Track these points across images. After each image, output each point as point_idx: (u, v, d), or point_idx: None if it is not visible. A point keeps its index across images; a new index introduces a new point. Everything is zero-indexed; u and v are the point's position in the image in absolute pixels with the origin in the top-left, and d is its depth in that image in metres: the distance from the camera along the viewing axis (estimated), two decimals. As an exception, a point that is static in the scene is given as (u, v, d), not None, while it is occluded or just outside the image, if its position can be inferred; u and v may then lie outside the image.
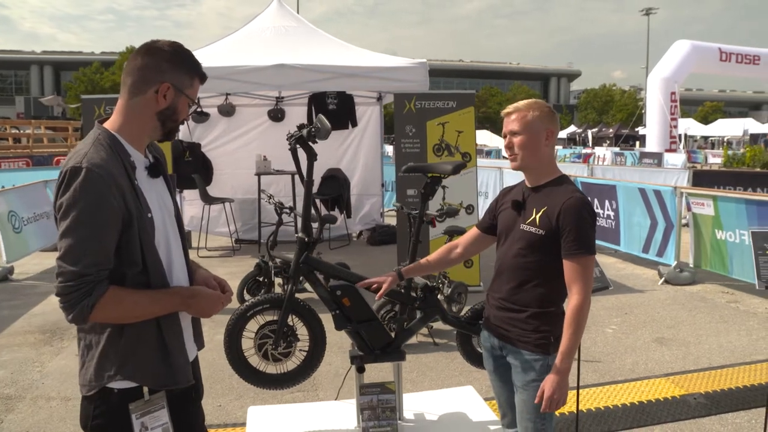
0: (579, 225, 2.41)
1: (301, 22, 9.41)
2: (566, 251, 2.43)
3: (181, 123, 2.12)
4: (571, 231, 2.41)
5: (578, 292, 2.42)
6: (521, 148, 2.55)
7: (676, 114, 27.42)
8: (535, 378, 2.50)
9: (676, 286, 7.95)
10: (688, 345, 5.79)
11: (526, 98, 3.55)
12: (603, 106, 69.40)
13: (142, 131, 2.04)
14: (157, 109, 2.01)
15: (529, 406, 2.52)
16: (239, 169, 10.64)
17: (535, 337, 2.52)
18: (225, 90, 8.95)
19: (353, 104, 10.26)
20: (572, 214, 2.42)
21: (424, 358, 5.43)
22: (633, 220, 9.00)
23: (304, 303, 3.20)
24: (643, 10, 53.10)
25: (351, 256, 9.41)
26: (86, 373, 1.99)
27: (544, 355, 2.50)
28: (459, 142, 7.55)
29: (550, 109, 2.60)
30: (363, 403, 3.10)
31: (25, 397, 4.70)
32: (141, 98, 2.00)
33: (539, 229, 2.49)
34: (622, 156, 27.96)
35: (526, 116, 2.55)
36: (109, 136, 1.98)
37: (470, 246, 2.91)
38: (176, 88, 2.02)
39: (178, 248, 2.16)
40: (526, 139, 2.54)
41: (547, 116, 2.56)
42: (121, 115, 2.02)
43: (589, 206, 2.48)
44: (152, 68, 2.00)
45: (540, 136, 2.54)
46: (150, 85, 1.99)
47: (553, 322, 2.51)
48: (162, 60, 2.00)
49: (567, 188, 2.51)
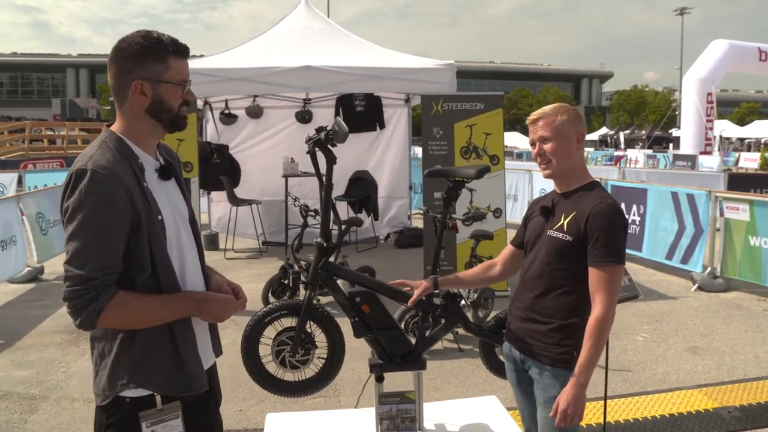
0: (608, 231, 2.31)
1: (328, 24, 9.38)
2: (593, 258, 2.33)
3: (181, 110, 2.03)
4: (599, 237, 2.31)
5: (602, 303, 2.31)
6: (553, 155, 2.45)
7: (712, 115, 26.86)
8: (556, 394, 2.40)
9: (709, 293, 7.73)
10: (722, 355, 5.60)
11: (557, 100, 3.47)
12: (635, 107, 68.43)
13: (143, 132, 2.00)
14: (143, 107, 1.96)
15: (551, 424, 2.42)
16: (267, 170, 10.64)
17: (557, 351, 2.42)
18: (252, 92, 8.96)
19: (381, 106, 10.20)
20: (602, 220, 2.32)
21: (449, 365, 5.34)
22: (659, 225, 8.76)
23: (322, 309, 3.14)
24: (677, 10, 52.33)
25: (378, 259, 9.35)
26: (100, 382, 1.96)
27: (567, 370, 2.40)
28: (487, 144, 7.44)
29: (577, 112, 2.52)
30: (382, 412, 3.02)
31: (50, 398, 4.72)
32: (127, 103, 1.97)
33: (566, 235, 2.39)
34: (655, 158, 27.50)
35: (554, 121, 2.45)
36: (116, 139, 1.94)
37: (508, 264, 2.82)
38: (150, 80, 1.95)
39: (192, 252, 2.11)
40: (558, 144, 2.44)
41: (575, 119, 2.47)
42: (120, 120, 2.00)
43: (621, 213, 2.37)
44: (120, 72, 1.95)
45: (571, 141, 2.45)
46: (125, 88, 1.95)
47: (577, 336, 2.40)
48: (124, 59, 1.94)
49: (598, 194, 2.41)
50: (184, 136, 6.97)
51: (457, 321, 3.19)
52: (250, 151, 10.87)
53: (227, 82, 7.45)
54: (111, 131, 1.98)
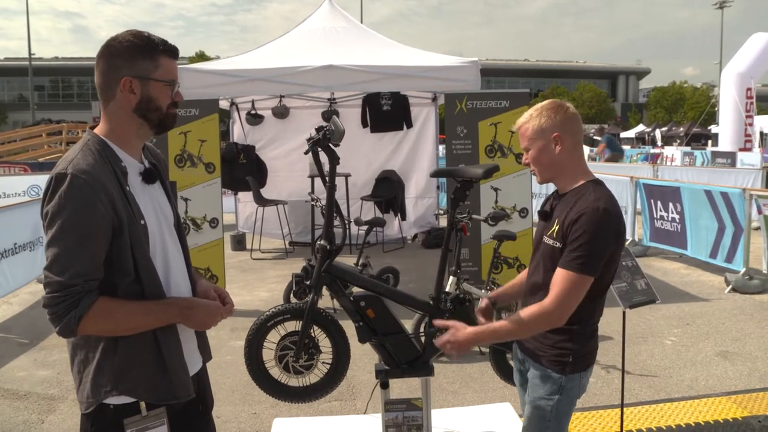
0: (587, 239, 2.17)
1: (351, 23, 9.33)
2: (562, 260, 2.22)
3: (170, 109, 1.99)
4: (575, 241, 2.19)
5: (553, 301, 2.19)
6: (534, 163, 2.38)
7: (752, 111, 26.11)
8: (542, 395, 2.33)
9: (744, 295, 7.45)
10: (754, 360, 5.38)
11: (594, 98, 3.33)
12: (673, 104, 67.03)
13: (128, 133, 1.96)
14: (131, 106, 1.92)
15: (533, 424, 2.37)
16: (293, 171, 10.63)
17: (552, 353, 2.34)
18: (276, 92, 8.95)
19: (408, 105, 10.11)
20: (583, 225, 2.18)
21: (469, 368, 5.23)
22: (700, 223, 8.50)
23: (326, 313, 3.07)
24: (717, 4, 51.17)
25: (405, 259, 9.29)
26: (83, 390, 1.92)
27: (559, 373, 2.32)
28: (512, 143, 7.29)
29: (554, 109, 2.36)
30: (388, 419, 2.95)
31: (68, 398, 4.74)
32: (114, 102, 1.92)
33: (556, 242, 2.29)
34: (692, 156, 26.87)
35: (527, 129, 2.38)
36: (99, 141, 1.90)
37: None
38: (139, 77, 1.91)
39: (177, 257, 2.07)
40: (535, 152, 2.36)
41: (550, 119, 2.34)
42: (105, 121, 1.96)
43: (608, 221, 2.20)
44: (109, 69, 1.91)
45: (548, 145, 2.33)
46: (113, 85, 1.91)
47: (575, 341, 2.31)
48: (114, 57, 1.91)
49: (587, 197, 2.26)
50: (207, 137, 6.99)
51: (465, 326, 3.09)
52: (277, 152, 10.86)
53: (249, 83, 7.44)
54: (94, 134, 1.94)
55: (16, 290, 7.33)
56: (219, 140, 7.30)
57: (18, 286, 7.28)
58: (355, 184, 10.39)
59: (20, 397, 4.80)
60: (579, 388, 2.38)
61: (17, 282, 7.20)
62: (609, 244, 2.22)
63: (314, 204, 6.65)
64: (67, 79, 79.44)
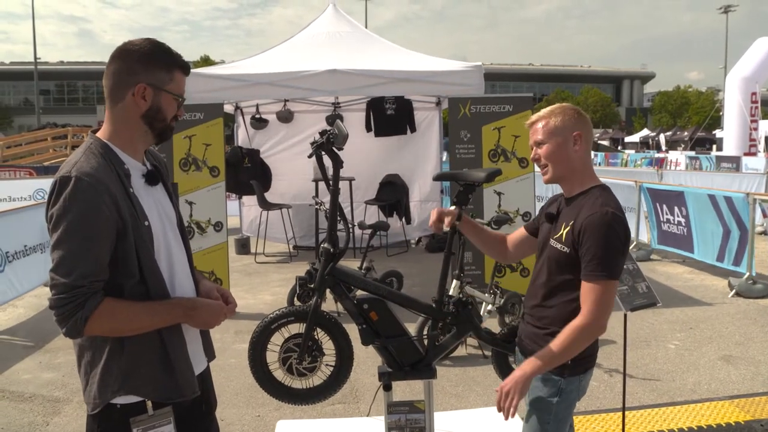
0: (599, 245, 2.20)
1: (356, 27, 9.37)
2: (584, 272, 2.23)
3: (172, 122, 2.03)
4: (589, 249, 2.21)
5: (588, 314, 2.21)
6: (548, 158, 2.37)
7: (757, 115, 26.11)
8: (542, 397, 2.35)
9: (748, 299, 7.45)
10: (758, 364, 5.38)
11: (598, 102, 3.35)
12: (678, 108, 66.94)
13: (132, 137, 1.99)
14: (140, 112, 1.95)
15: (532, 425, 2.39)
16: (297, 175, 10.65)
17: None
18: (280, 96, 8.99)
19: (412, 109, 10.16)
20: (592, 232, 2.20)
21: (472, 372, 5.24)
22: (706, 227, 8.51)
23: (330, 316, 3.09)
24: (721, 8, 51.06)
25: (409, 263, 9.31)
26: (90, 391, 1.96)
27: (558, 376, 2.33)
28: (516, 147, 7.31)
29: (576, 111, 2.40)
30: (390, 422, 2.97)
31: (72, 401, 4.77)
32: (122, 104, 1.95)
33: (564, 246, 2.30)
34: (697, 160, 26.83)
35: (548, 123, 2.37)
36: (101, 145, 1.93)
37: (516, 247, 2.74)
38: (153, 86, 1.94)
39: (181, 257, 2.10)
40: (552, 147, 2.35)
41: (573, 118, 2.36)
42: (109, 123, 1.98)
43: (616, 224, 2.23)
44: (125, 71, 1.94)
45: (567, 142, 2.34)
46: (126, 89, 1.93)
47: None
48: (133, 61, 1.93)
49: (595, 201, 2.28)
50: (212, 141, 7.02)
51: (468, 328, 3.11)
52: (281, 156, 10.90)
53: (254, 87, 7.49)
54: (96, 137, 1.97)
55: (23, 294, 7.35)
56: (223, 144, 7.33)
57: (27, 290, 7.31)
58: (359, 187, 10.41)
59: (25, 399, 4.83)
60: (578, 391, 2.40)
61: (30, 284, 7.27)
62: (620, 247, 2.25)
63: (318, 208, 6.66)
64: (72, 83, 79.81)
